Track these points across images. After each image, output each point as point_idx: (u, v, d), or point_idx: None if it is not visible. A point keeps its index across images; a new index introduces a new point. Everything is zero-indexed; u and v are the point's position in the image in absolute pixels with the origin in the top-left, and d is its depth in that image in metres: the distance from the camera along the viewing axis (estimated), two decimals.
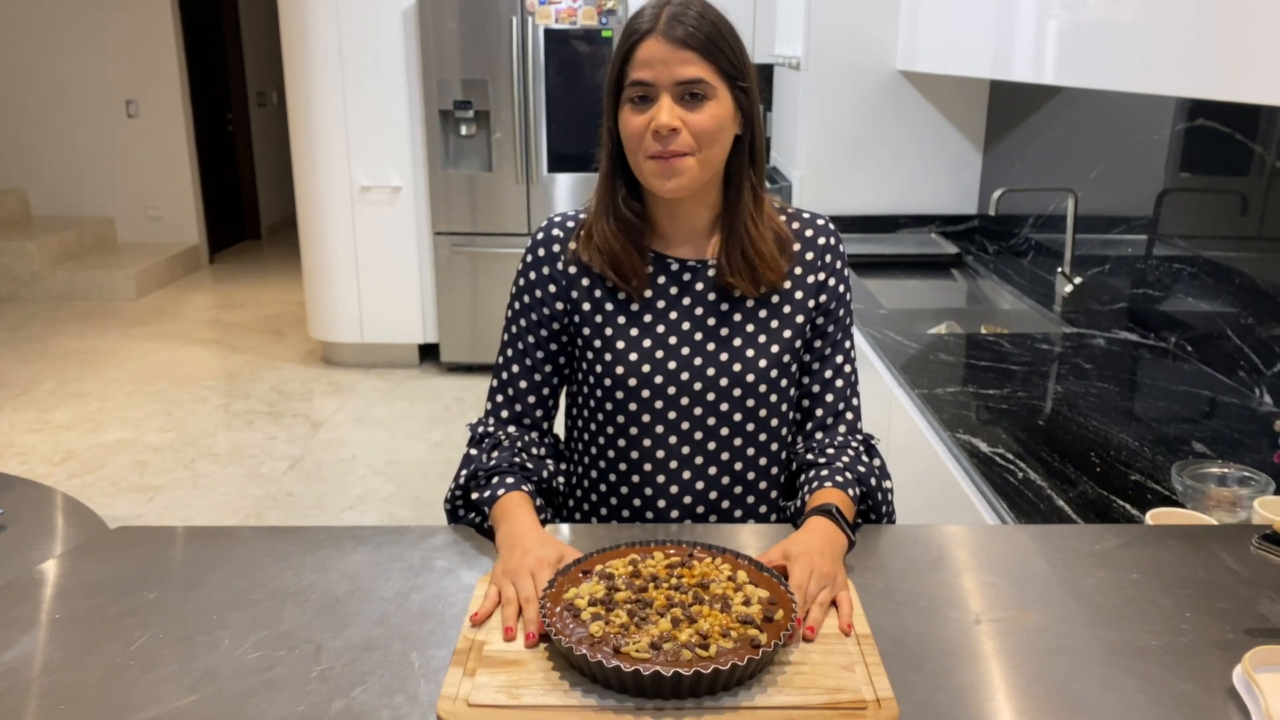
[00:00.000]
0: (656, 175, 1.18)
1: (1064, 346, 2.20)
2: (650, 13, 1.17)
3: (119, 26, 6.47)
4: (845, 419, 1.31)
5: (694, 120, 1.15)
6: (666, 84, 1.15)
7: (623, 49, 1.17)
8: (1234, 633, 0.98)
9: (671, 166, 1.16)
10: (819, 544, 1.08)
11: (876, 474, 1.27)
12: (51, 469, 3.78)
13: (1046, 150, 2.88)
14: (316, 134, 4.57)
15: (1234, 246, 1.96)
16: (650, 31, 1.15)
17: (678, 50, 1.14)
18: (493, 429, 1.30)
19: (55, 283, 6.09)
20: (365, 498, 3.57)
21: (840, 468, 1.24)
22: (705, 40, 1.15)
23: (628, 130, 1.18)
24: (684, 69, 1.14)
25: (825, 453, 1.27)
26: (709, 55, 1.15)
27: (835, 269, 1.31)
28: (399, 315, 4.83)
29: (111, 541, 1.18)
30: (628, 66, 1.17)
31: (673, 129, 1.14)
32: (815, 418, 1.31)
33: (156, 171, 6.74)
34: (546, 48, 4.38)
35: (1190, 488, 1.39)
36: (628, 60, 1.16)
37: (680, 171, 1.17)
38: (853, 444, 1.29)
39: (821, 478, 1.23)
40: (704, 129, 1.16)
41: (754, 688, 0.88)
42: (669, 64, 1.14)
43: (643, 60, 1.15)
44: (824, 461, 1.26)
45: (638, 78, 1.15)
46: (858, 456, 1.27)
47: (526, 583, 1.01)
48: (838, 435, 1.30)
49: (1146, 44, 1.64)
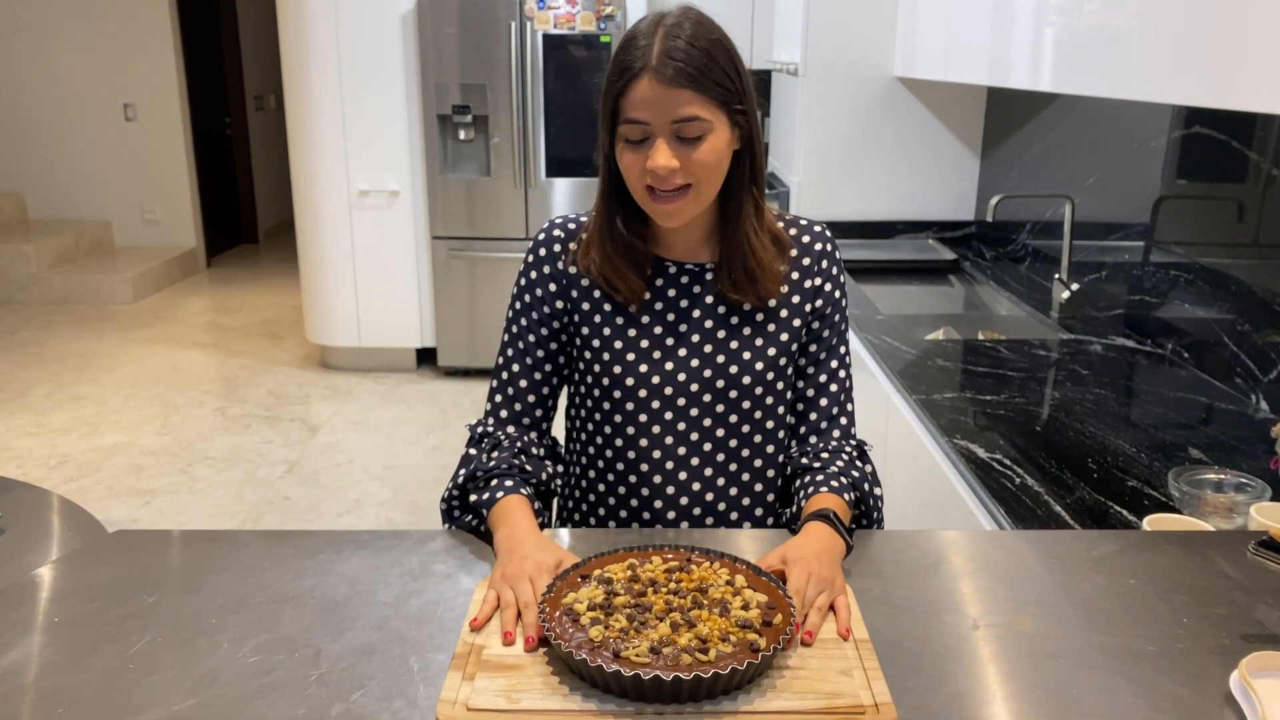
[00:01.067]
0: (656, 213, 1.20)
1: (1061, 352, 2.20)
2: (643, 44, 1.13)
3: (117, 30, 6.47)
4: (839, 424, 1.31)
5: (692, 158, 1.15)
6: (661, 125, 1.13)
7: (615, 86, 1.15)
8: (1231, 638, 0.98)
9: (669, 206, 1.17)
10: (816, 549, 1.08)
11: (869, 480, 1.28)
12: (48, 472, 3.77)
13: (1044, 157, 2.88)
14: (315, 138, 4.57)
15: (1230, 253, 1.97)
16: (643, 70, 1.12)
17: (671, 90, 1.12)
18: (492, 429, 1.30)
19: (52, 286, 6.09)
20: (362, 502, 3.57)
21: (835, 472, 1.25)
22: (699, 74, 1.12)
23: (625, 166, 1.18)
24: (680, 109, 1.12)
25: (820, 457, 1.28)
26: (703, 89, 1.13)
27: (831, 275, 1.31)
28: (396, 319, 4.83)
29: (110, 545, 1.18)
30: (621, 102, 1.15)
31: (671, 169, 1.14)
32: (809, 422, 1.31)
33: (154, 175, 6.74)
34: (545, 53, 4.39)
35: (1187, 494, 1.39)
36: (622, 96, 1.14)
37: (679, 209, 1.18)
38: (846, 449, 1.29)
39: (818, 483, 1.23)
40: (702, 163, 1.15)
41: (753, 692, 0.88)
42: (662, 106, 1.12)
43: (637, 101, 1.13)
44: (819, 466, 1.26)
45: (632, 118, 1.14)
46: (851, 462, 1.28)
47: (525, 588, 1.01)
48: (832, 440, 1.30)
49: (1143, 51, 1.65)
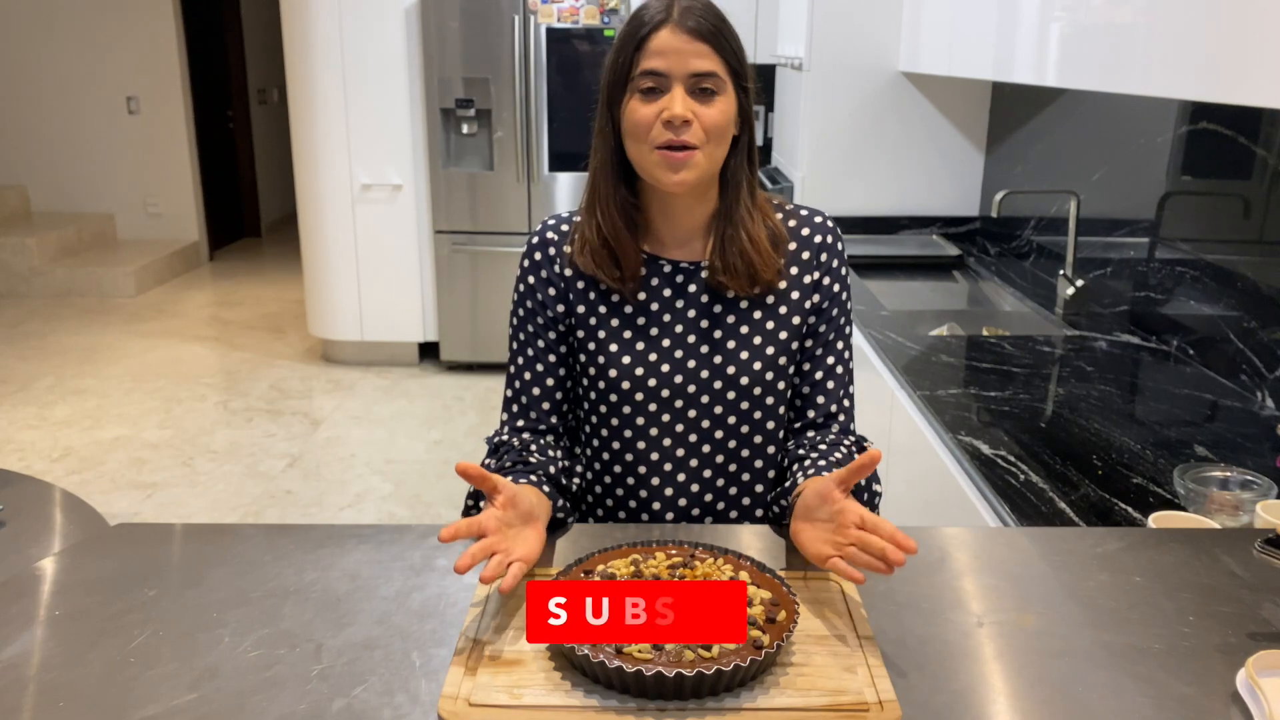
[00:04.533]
0: (663, 166, 1.17)
1: (1065, 349, 2.20)
2: (658, 4, 1.17)
3: (120, 23, 6.47)
4: (838, 419, 1.30)
5: (705, 114, 1.15)
6: (680, 75, 1.15)
7: (634, 38, 1.16)
8: (1237, 637, 0.98)
9: (679, 159, 1.16)
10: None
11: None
12: (50, 465, 3.78)
13: (1048, 152, 2.87)
14: (317, 131, 4.57)
15: (1236, 250, 1.96)
16: (664, 22, 1.15)
17: (693, 42, 1.14)
18: (507, 437, 1.29)
19: (55, 279, 6.09)
20: (364, 496, 3.57)
21: (836, 461, 1.23)
22: (717, 33, 1.16)
23: (635, 119, 1.17)
24: (698, 61, 1.15)
25: (817, 448, 1.26)
26: (720, 49, 1.16)
27: (832, 268, 1.29)
28: (399, 313, 4.83)
29: (111, 538, 1.18)
30: (639, 55, 1.16)
31: (685, 120, 1.14)
32: (806, 418, 1.30)
33: (157, 168, 6.74)
34: (548, 46, 4.38)
35: (1193, 491, 1.39)
36: (639, 49, 1.16)
37: (687, 164, 1.17)
38: (844, 444, 1.27)
39: (819, 466, 1.21)
40: (714, 123, 1.16)
41: (756, 689, 0.88)
42: (684, 55, 1.14)
43: (656, 50, 1.15)
44: (816, 456, 1.25)
45: (651, 67, 1.15)
46: (849, 456, 1.26)
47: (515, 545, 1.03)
48: (829, 435, 1.29)
49: (1148, 46, 1.64)
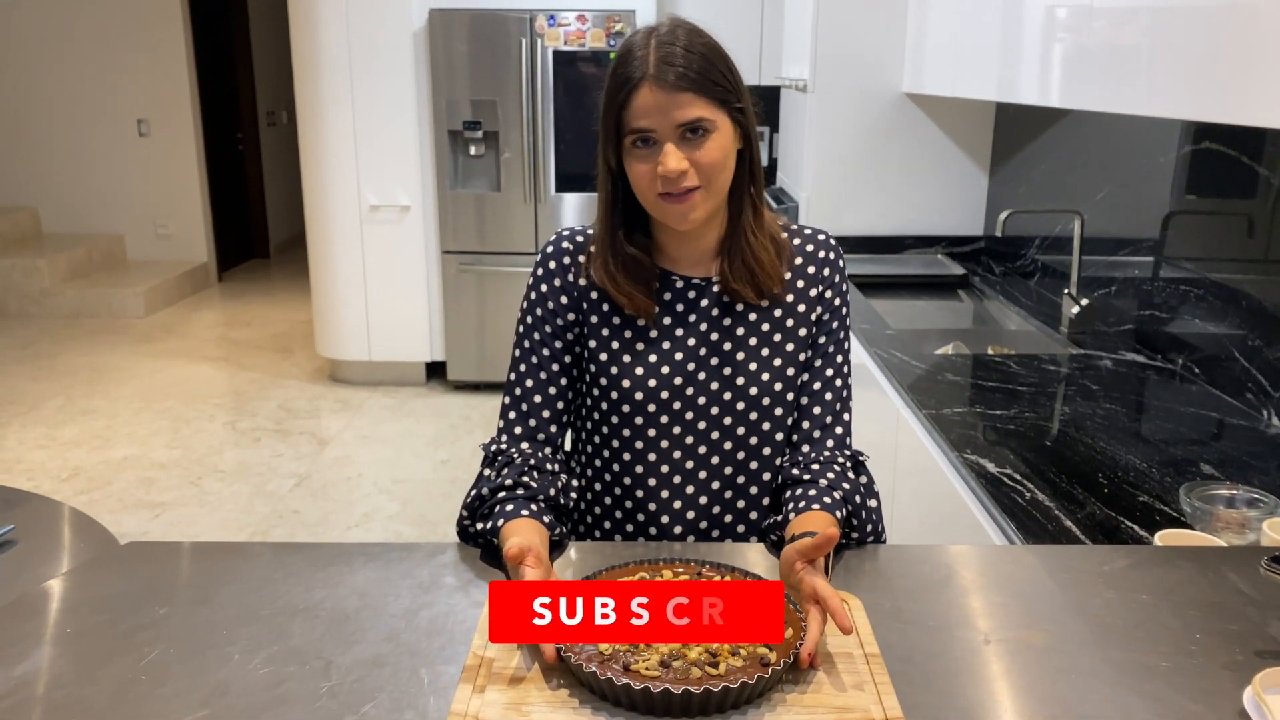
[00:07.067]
0: (670, 215, 1.20)
1: (1071, 368, 2.20)
2: (639, 55, 1.16)
3: (131, 45, 6.54)
4: (834, 433, 1.29)
5: (699, 157, 1.16)
6: (667, 131, 1.15)
7: (616, 98, 1.17)
8: (1243, 654, 0.98)
9: (682, 207, 1.18)
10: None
11: (862, 491, 1.24)
12: (59, 485, 3.79)
13: (1053, 172, 2.89)
14: (326, 153, 4.61)
15: (1240, 269, 1.97)
16: (643, 79, 1.14)
17: (674, 94, 1.14)
18: (505, 446, 1.29)
19: (65, 300, 6.13)
20: (371, 515, 3.57)
21: (826, 486, 1.21)
22: (698, 77, 1.15)
23: (635, 175, 1.19)
24: (682, 113, 1.14)
25: (810, 469, 1.25)
26: (703, 91, 1.15)
27: (834, 283, 1.31)
28: (406, 333, 4.84)
29: (121, 557, 1.19)
30: (625, 114, 1.16)
31: (680, 172, 1.15)
32: (802, 431, 1.30)
33: (167, 190, 6.79)
34: (555, 69, 4.42)
35: (1199, 509, 1.39)
36: (624, 108, 1.16)
37: (693, 207, 1.19)
38: (839, 460, 1.26)
39: (809, 498, 1.20)
40: (710, 162, 1.17)
41: (763, 706, 0.88)
42: (666, 110, 1.14)
43: (640, 110, 1.15)
44: (809, 479, 1.23)
45: (637, 126, 1.16)
46: (843, 473, 1.24)
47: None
48: (824, 450, 1.28)
49: (1151, 67, 1.65)
